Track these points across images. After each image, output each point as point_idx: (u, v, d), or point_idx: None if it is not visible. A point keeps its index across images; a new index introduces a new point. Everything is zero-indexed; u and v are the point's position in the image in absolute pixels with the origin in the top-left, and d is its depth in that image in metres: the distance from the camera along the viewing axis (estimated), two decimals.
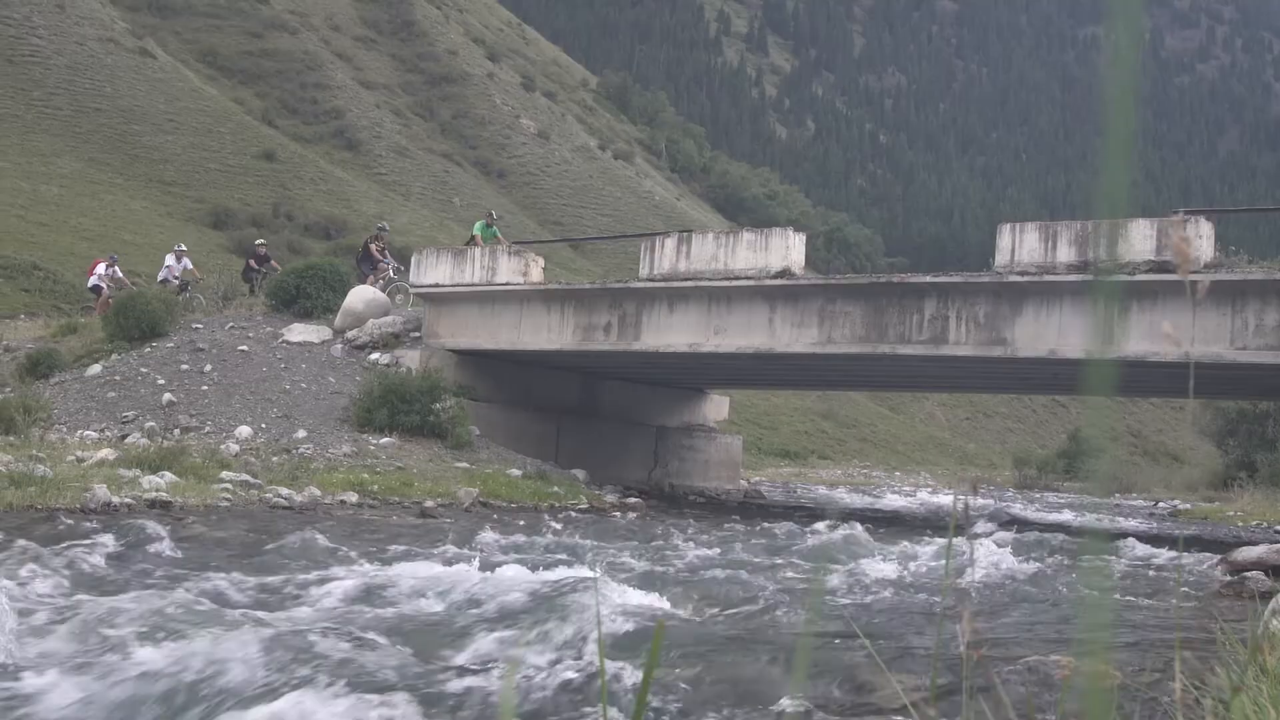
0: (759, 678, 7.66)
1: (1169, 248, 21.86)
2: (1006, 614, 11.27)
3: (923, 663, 6.75)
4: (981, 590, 13.35)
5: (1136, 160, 8.77)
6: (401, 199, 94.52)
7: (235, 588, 10.87)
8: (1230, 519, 36.33)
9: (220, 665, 7.08)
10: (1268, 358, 21.77)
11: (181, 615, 8.50)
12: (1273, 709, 3.52)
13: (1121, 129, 0.89)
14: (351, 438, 26.53)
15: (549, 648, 8.45)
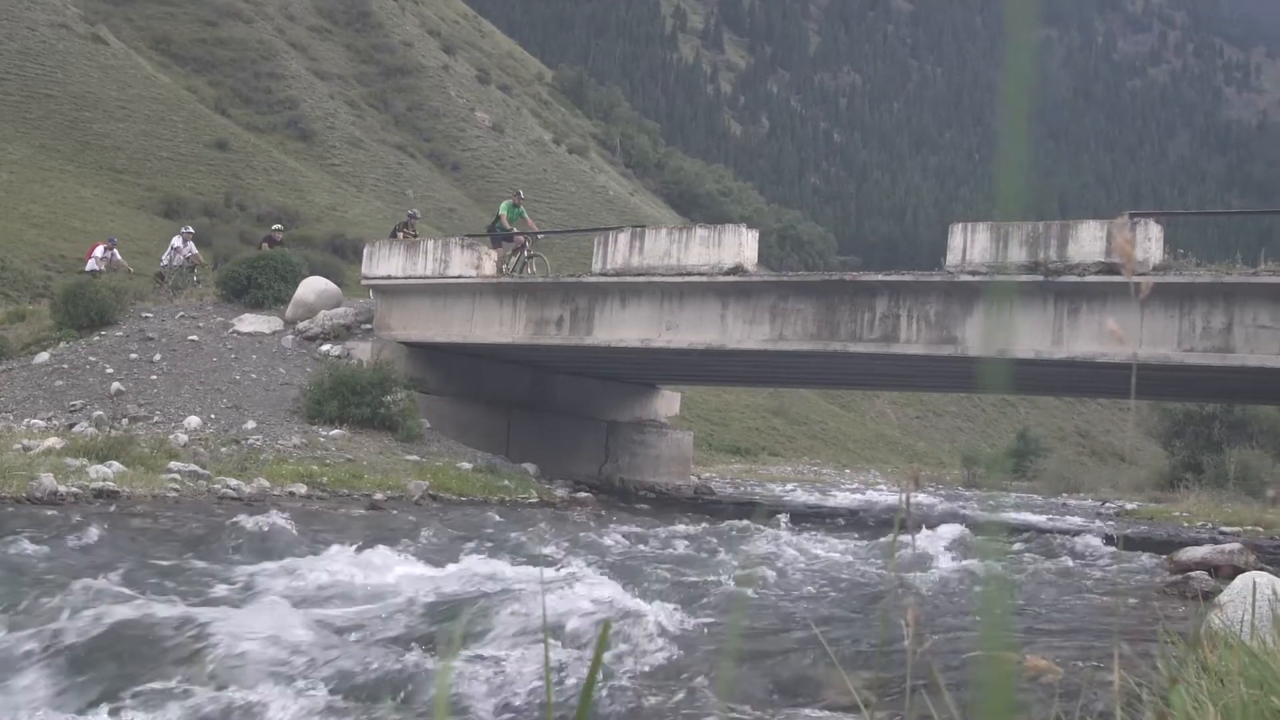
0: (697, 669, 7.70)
1: (1118, 249, 22.03)
2: (955, 610, 11.34)
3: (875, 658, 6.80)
4: (931, 586, 13.42)
5: (1029, 163, 8.79)
6: (355, 190, 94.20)
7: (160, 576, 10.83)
8: (1176, 519, 36.59)
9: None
10: (1214, 360, 21.97)
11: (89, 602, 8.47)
12: (1211, 705, 3.57)
13: (1016, 133, 0.90)
14: (301, 429, 26.44)
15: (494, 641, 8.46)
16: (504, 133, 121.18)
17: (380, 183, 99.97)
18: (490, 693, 7.28)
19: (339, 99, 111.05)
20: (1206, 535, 27.09)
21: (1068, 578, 15.46)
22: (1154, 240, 22.22)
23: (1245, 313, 21.68)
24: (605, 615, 9.02)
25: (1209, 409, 51.48)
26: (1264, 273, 21.65)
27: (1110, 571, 16.69)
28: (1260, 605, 5.27)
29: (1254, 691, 3.40)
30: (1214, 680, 3.83)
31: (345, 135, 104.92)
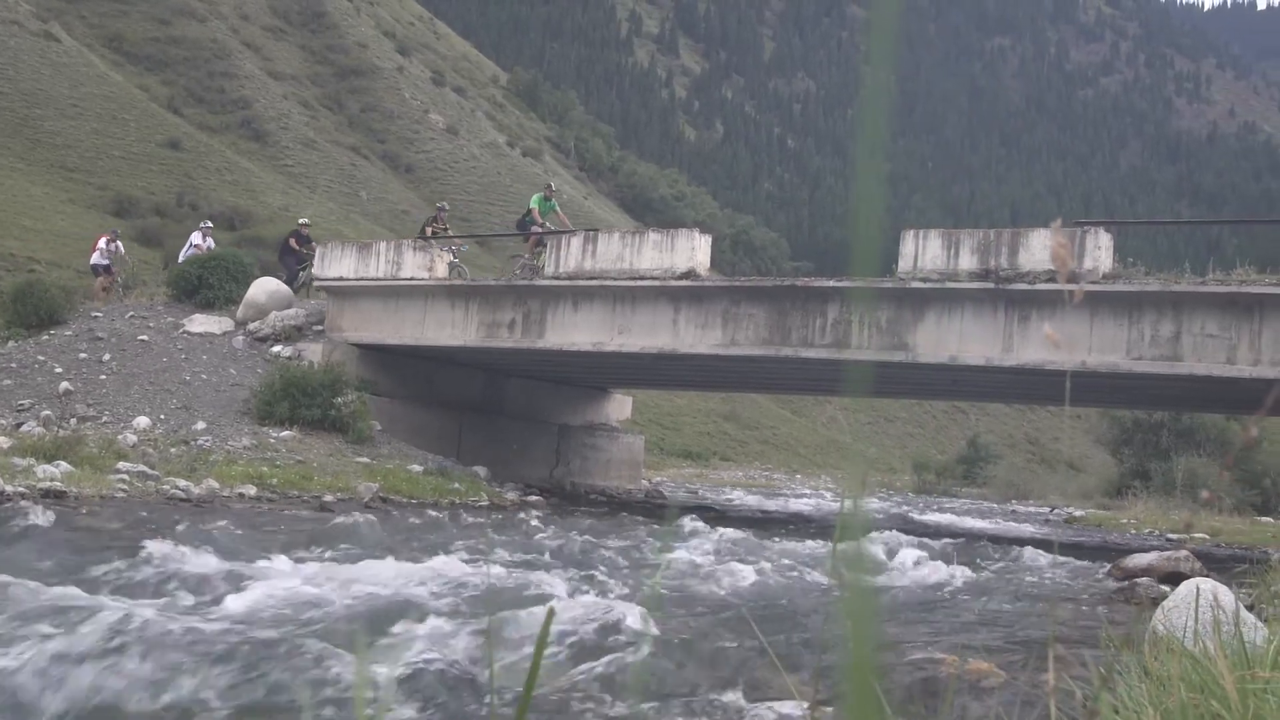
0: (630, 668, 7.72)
1: (1070, 257, 22.12)
2: (901, 614, 11.40)
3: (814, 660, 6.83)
4: (881, 590, 13.46)
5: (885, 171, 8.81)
6: (308, 191, 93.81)
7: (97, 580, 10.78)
8: (1124, 526, 36.87)
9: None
10: (1162, 368, 22.13)
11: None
12: (1152, 709, 3.60)
13: (873, 144, 0.91)
14: (251, 430, 26.32)
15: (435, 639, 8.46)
16: (458, 135, 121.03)
17: (333, 184, 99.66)
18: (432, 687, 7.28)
19: (293, 99, 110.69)
20: (1154, 542, 27.30)
21: (1014, 584, 15.55)
22: (1104, 249, 22.37)
23: (1193, 322, 21.85)
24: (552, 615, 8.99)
25: (1157, 417, 51.84)
26: (1212, 282, 21.82)
27: (1054, 576, 16.80)
28: (1203, 611, 5.32)
29: (1194, 696, 3.43)
30: (1155, 684, 3.87)
31: (299, 136, 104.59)
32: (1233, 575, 14.17)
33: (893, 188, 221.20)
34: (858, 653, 0.79)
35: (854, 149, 1.08)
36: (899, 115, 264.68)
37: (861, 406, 12.69)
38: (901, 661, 7.84)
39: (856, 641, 0.80)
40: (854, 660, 0.80)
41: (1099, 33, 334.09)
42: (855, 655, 0.80)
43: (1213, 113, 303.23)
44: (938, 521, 33.94)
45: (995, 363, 23.42)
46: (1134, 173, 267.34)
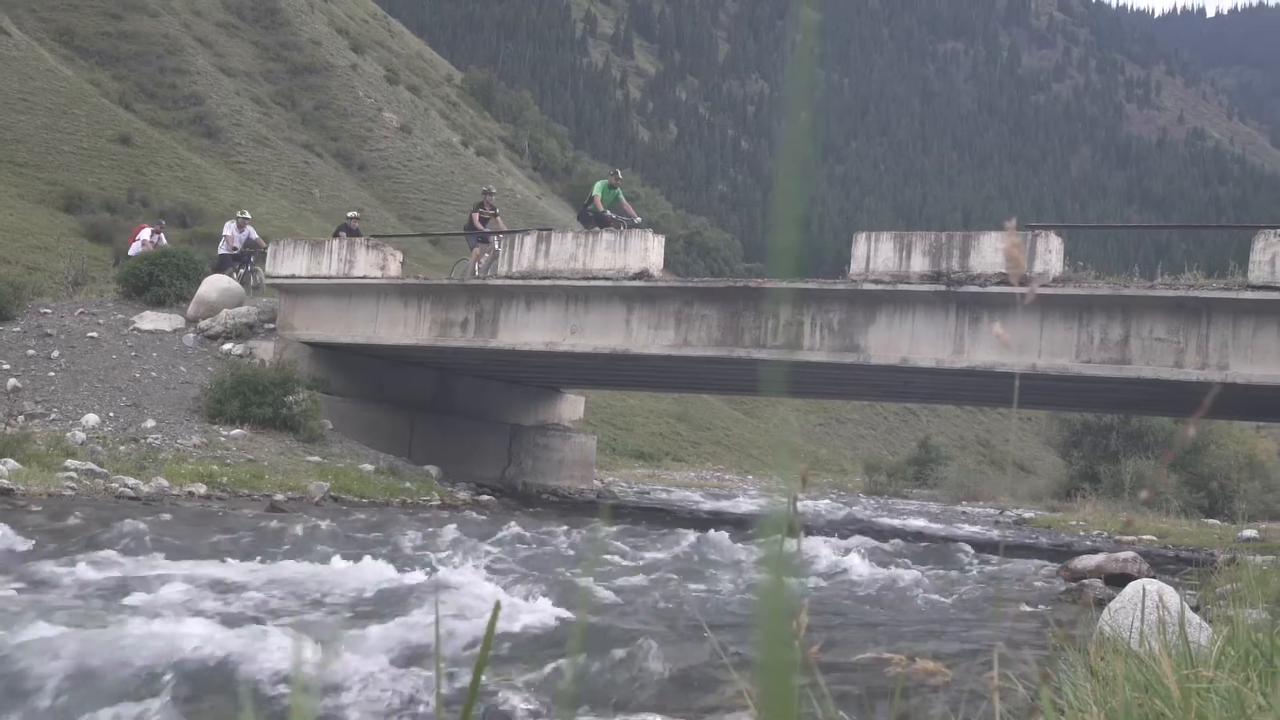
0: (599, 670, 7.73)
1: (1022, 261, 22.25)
2: (850, 614, 11.45)
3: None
4: (827, 592, 13.53)
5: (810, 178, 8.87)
6: (260, 189, 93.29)
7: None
8: (1073, 528, 37.09)
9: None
10: (1110, 371, 22.29)
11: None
12: (1096, 707, 3.64)
13: (794, 149, 0.93)
14: (202, 428, 26.19)
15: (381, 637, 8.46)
16: (412, 133, 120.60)
17: (286, 181, 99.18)
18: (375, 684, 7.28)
19: (245, 96, 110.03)
20: (1102, 544, 27.48)
21: (964, 585, 15.64)
22: (1054, 252, 22.51)
23: (1142, 325, 22.02)
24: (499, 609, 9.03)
25: (1106, 420, 52.20)
26: (1160, 286, 21.99)
27: (1004, 578, 16.90)
28: (1148, 611, 5.37)
29: (1138, 695, 3.47)
30: (1101, 684, 3.91)
31: (251, 133, 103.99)
32: (1179, 576, 14.30)
33: (845, 190, 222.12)
34: (772, 651, 0.79)
35: (777, 158, 1.11)
36: (851, 117, 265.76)
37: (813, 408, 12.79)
38: (849, 661, 7.88)
39: (770, 639, 0.80)
40: (768, 658, 0.80)
41: (1051, 38, 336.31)
42: (769, 653, 0.80)
43: (1162, 119, 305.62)
44: (889, 522, 34.07)
45: (946, 365, 23.54)
46: (1084, 177, 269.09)
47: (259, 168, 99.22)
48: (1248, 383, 21.33)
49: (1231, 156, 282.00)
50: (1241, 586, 10.39)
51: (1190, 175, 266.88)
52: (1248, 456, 56.26)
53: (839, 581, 14.79)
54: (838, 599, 13.14)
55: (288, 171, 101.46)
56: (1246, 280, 21.11)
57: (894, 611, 12.31)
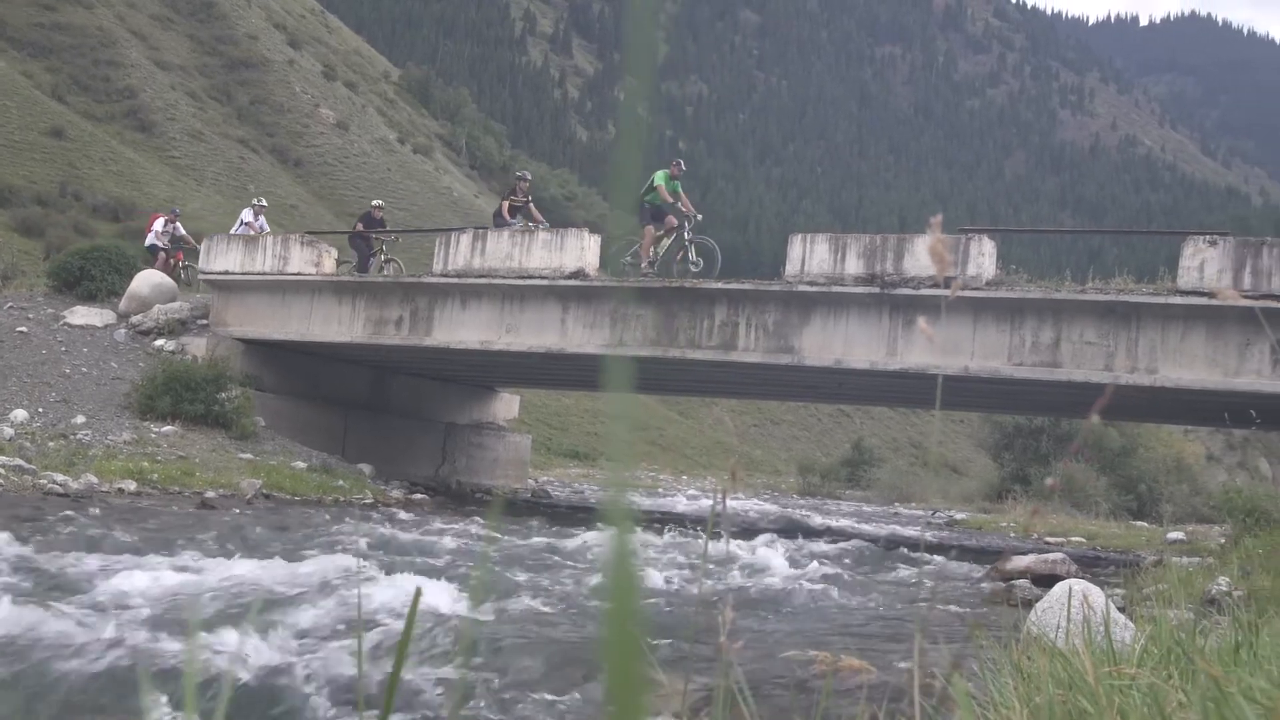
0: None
1: (954, 263, 22.45)
2: (779, 614, 11.49)
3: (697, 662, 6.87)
4: (756, 591, 13.58)
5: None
6: (195, 184, 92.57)
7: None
8: (1003, 529, 37.38)
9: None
10: (1041, 374, 22.47)
11: None
12: (1020, 705, 3.67)
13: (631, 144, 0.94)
14: (133, 425, 25.99)
15: (303, 631, 8.44)
16: (349, 130, 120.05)
17: (221, 177, 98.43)
18: (296, 676, 7.27)
19: (180, 90, 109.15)
20: (1031, 545, 27.69)
21: (894, 585, 15.73)
22: (987, 256, 22.67)
23: (1073, 329, 22.21)
24: (420, 595, 9.03)
25: (1037, 423, 52.67)
26: (1091, 291, 22.19)
27: (934, 578, 16.99)
28: (1074, 610, 5.42)
29: (1061, 692, 3.50)
30: (1026, 682, 3.94)
31: (186, 127, 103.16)
32: (1107, 577, 14.44)
33: (782, 192, 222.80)
34: (618, 644, 0.79)
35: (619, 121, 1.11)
36: (789, 120, 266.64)
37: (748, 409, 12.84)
38: (776, 658, 7.91)
39: (617, 631, 0.79)
40: (614, 651, 0.79)
41: (987, 44, 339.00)
42: (615, 646, 0.79)
43: (1095, 125, 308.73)
44: (821, 523, 34.20)
45: (880, 366, 23.66)
46: (1018, 182, 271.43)
47: (194, 162, 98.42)
48: (1176, 386, 21.58)
49: (1163, 163, 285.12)
50: (1167, 587, 10.52)
51: (1122, 181, 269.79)
52: (1175, 460, 56.99)
53: (768, 580, 14.84)
54: (766, 598, 13.18)
55: (223, 167, 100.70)
56: (1175, 286, 21.33)
57: (822, 611, 12.36)
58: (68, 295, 32.44)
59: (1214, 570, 13.12)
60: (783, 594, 13.65)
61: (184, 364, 28.19)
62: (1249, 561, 13.12)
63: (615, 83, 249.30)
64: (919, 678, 2.50)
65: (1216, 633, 4.91)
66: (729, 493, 2.46)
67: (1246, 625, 4.67)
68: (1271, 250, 20.66)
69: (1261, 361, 20.95)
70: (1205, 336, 21.33)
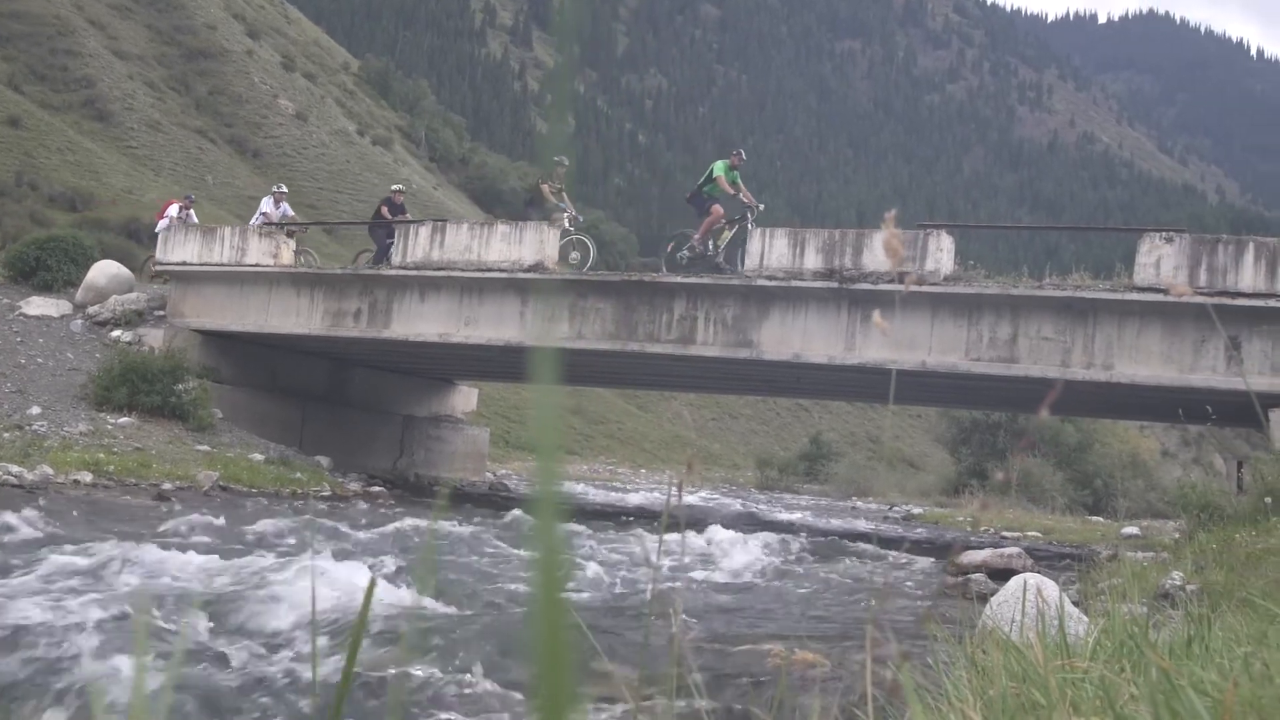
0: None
1: (913, 258, 22.54)
2: (735, 608, 11.52)
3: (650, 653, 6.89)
4: (712, 585, 13.61)
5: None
6: (152, 174, 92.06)
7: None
8: (960, 524, 37.52)
9: None
10: (999, 369, 22.59)
11: None
12: (974, 697, 3.70)
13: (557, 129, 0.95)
14: (89, 416, 25.85)
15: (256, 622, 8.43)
16: (307, 121, 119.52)
17: (179, 167, 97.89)
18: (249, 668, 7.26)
19: (138, 80, 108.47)
20: (988, 540, 27.82)
21: (850, 578, 15.78)
22: (945, 251, 22.76)
23: (1030, 325, 22.34)
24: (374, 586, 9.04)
25: (994, 418, 52.91)
26: (1048, 286, 22.32)
27: (891, 571, 17.06)
28: (1029, 604, 5.46)
29: (1015, 685, 3.53)
30: (980, 675, 3.97)
31: (144, 117, 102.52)
32: (1062, 572, 14.53)
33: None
34: (546, 634, 0.79)
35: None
36: (748, 114, 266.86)
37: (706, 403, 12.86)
38: (730, 652, 7.94)
39: (546, 623, 0.79)
40: (542, 642, 0.79)
41: (946, 39, 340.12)
42: (543, 637, 0.79)
43: (1053, 122, 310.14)
44: (779, 517, 34.27)
45: (838, 361, 23.74)
46: (977, 178, 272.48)
47: (151, 153, 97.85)
48: (1131, 382, 21.74)
49: (1120, 160, 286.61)
50: (1121, 582, 10.58)
51: (1080, 178, 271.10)
52: (1131, 455, 57.39)
53: (723, 574, 14.88)
54: (721, 592, 13.22)
55: (180, 157, 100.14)
56: (1132, 282, 21.47)
57: (778, 604, 12.40)
58: (23, 285, 32.21)
59: (1168, 565, 13.20)
60: (738, 588, 13.68)
61: (141, 355, 28.04)
62: (1202, 556, 13.22)
63: (575, 76, 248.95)
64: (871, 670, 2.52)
65: (1170, 627, 4.96)
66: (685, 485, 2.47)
67: (1199, 619, 4.71)
68: (1226, 247, 20.82)
69: (1216, 358, 21.12)
70: (1161, 333, 21.48)
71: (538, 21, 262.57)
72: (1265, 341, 20.65)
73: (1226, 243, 20.99)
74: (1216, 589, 9.94)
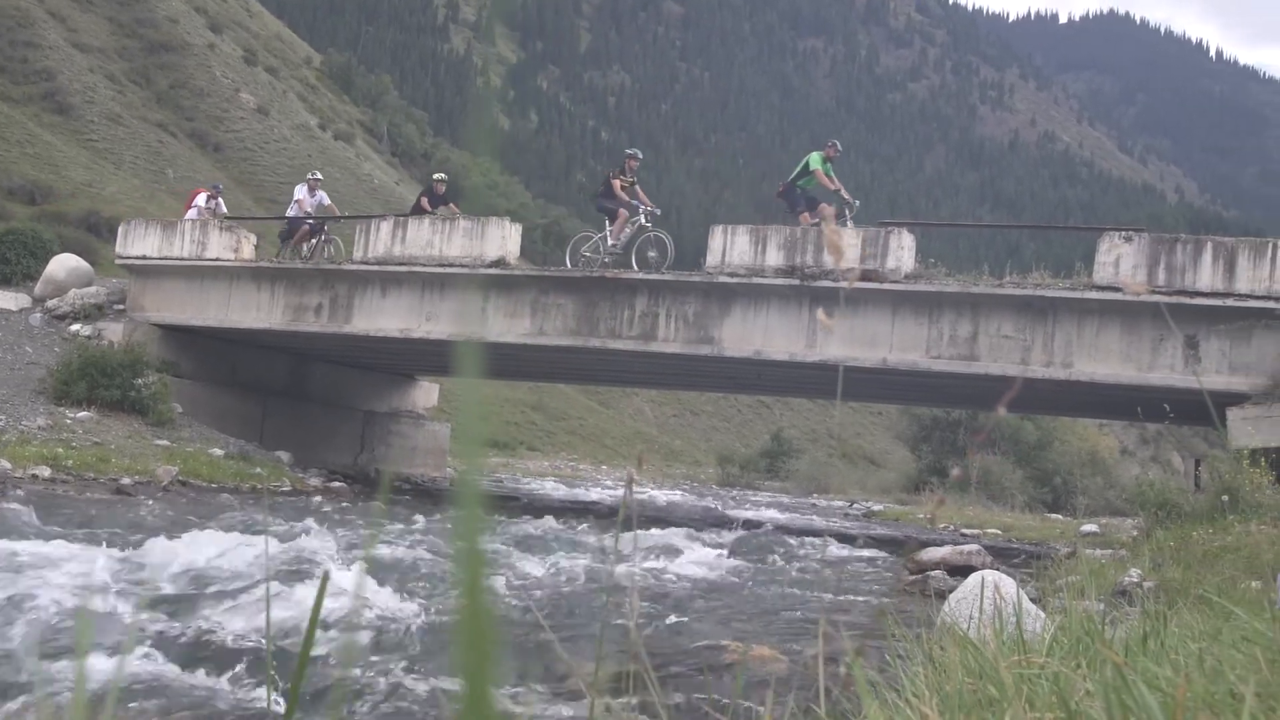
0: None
1: (874, 256, 22.62)
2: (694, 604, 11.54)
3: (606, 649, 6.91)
4: (670, 581, 13.63)
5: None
6: (113, 167, 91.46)
7: None
8: (920, 521, 37.64)
9: None
10: (959, 367, 22.68)
11: None
12: (930, 693, 3.72)
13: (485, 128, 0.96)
14: (47, 410, 25.71)
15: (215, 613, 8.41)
16: (269, 115, 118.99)
17: (139, 160, 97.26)
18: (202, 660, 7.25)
19: (99, 73, 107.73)
20: (947, 537, 27.93)
21: (810, 575, 15.81)
22: (907, 249, 22.85)
23: (990, 323, 22.44)
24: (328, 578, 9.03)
25: (955, 415, 53.16)
26: (1009, 285, 22.42)
27: (850, 568, 17.12)
28: (987, 601, 5.49)
29: (971, 680, 3.55)
30: (937, 671, 4.00)
31: (105, 110, 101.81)
32: (1021, 569, 14.60)
33: (703, 183, 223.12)
34: (470, 632, 0.78)
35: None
36: (711, 111, 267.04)
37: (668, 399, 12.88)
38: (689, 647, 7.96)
39: (469, 614, 0.79)
40: (466, 640, 0.79)
41: (908, 38, 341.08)
42: (468, 634, 0.79)
43: (1015, 121, 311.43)
44: (740, 514, 34.32)
45: (799, 358, 23.80)
46: (938, 176, 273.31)
47: (112, 146, 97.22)
48: (1091, 380, 21.87)
49: (1080, 160, 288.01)
50: (1079, 579, 10.65)
51: (1040, 177, 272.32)
52: (1090, 453, 57.73)
53: (682, 570, 14.90)
54: (680, 588, 13.23)
55: (141, 150, 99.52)
56: (1091, 281, 21.60)
57: (737, 601, 12.43)
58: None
59: (1126, 562, 13.29)
60: (697, 584, 13.70)
61: (100, 349, 27.91)
62: (1160, 554, 13.31)
63: (538, 72, 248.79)
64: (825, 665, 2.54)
65: (1127, 624, 4.99)
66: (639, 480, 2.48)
67: (1156, 616, 4.74)
68: (1185, 247, 20.96)
69: (1174, 356, 21.25)
70: (1120, 331, 21.61)
71: (500, 17, 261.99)
72: (1223, 340, 20.80)
73: (1185, 242, 21.14)
74: (1174, 586, 10.02)
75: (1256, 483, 14.91)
